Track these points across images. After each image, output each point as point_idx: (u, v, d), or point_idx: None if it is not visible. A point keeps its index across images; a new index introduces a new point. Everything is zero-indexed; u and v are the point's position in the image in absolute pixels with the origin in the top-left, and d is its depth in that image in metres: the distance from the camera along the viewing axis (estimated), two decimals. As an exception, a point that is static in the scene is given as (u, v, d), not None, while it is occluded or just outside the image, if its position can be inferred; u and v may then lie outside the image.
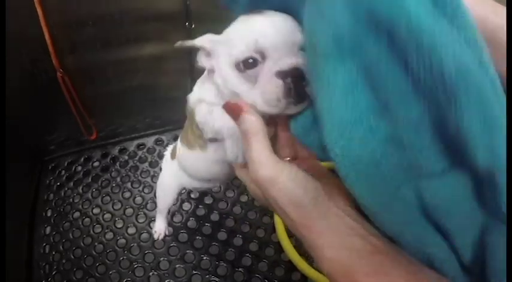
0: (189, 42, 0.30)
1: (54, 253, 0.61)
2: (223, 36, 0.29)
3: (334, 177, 0.23)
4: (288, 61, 0.26)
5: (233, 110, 0.25)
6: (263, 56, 0.26)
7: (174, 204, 0.61)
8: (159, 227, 0.62)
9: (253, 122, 0.23)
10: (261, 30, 0.26)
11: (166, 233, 0.62)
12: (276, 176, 0.21)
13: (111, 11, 0.59)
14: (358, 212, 0.22)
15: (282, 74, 0.25)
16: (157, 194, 0.58)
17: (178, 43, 0.31)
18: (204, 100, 0.32)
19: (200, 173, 0.43)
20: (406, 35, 0.18)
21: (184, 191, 0.65)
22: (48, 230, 0.64)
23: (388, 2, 0.18)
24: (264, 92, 0.26)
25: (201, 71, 0.35)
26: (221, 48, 0.29)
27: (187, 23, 0.62)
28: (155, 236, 0.62)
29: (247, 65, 0.26)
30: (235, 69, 0.27)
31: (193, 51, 0.32)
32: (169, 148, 0.56)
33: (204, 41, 0.30)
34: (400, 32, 0.18)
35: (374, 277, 0.18)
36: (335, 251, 0.20)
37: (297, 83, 0.25)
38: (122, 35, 0.62)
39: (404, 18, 0.17)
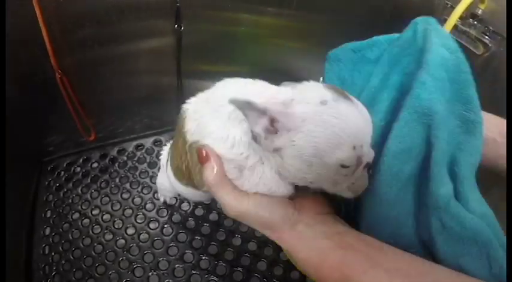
0: (250, 101, 0.23)
1: (53, 254, 0.62)
2: (296, 109, 0.24)
3: (310, 192, 0.28)
4: (372, 152, 0.26)
5: (200, 156, 0.27)
6: (360, 161, 0.25)
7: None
8: (164, 197, 0.64)
9: (214, 174, 0.26)
10: (362, 133, 0.24)
11: (168, 202, 0.65)
12: (242, 210, 0.26)
13: (108, 10, 0.59)
14: (333, 216, 0.27)
15: (368, 166, 0.26)
16: (157, 185, 0.59)
17: (234, 100, 0.24)
18: (210, 135, 0.27)
19: (196, 199, 0.44)
20: None
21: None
22: (47, 231, 0.65)
23: None
24: (355, 185, 0.26)
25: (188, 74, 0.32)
26: (303, 131, 0.24)
27: (176, 25, 0.62)
28: (161, 199, 0.65)
29: (347, 167, 0.25)
30: (326, 168, 0.24)
31: (181, 52, 0.29)
32: (166, 149, 0.55)
33: (275, 108, 0.24)
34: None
35: (337, 270, 0.23)
36: (304, 254, 0.25)
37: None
38: (120, 34, 0.62)
39: None
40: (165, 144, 0.75)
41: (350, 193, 0.27)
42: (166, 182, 0.51)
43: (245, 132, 0.26)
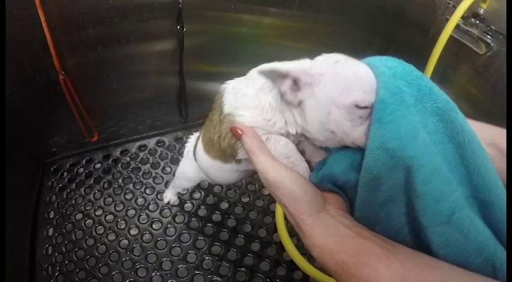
0: (272, 67, 0.28)
1: (56, 254, 0.62)
2: (314, 69, 0.28)
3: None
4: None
5: (235, 133, 0.30)
6: (371, 107, 0.27)
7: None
8: (169, 196, 0.65)
9: (253, 143, 0.29)
10: (370, 84, 0.27)
11: (172, 202, 0.66)
12: (281, 179, 0.27)
13: (110, 11, 0.59)
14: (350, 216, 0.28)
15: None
16: (176, 175, 0.59)
17: (261, 68, 0.28)
18: (245, 106, 0.31)
19: (219, 179, 0.46)
20: None
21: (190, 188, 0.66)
22: (50, 231, 0.65)
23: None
24: (366, 134, 0.27)
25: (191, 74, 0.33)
26: (321, 83, 0.27)
27: (178, 26, 0.62)
28: (165, 200, 0.66)
29: (361, 108, 0.27)
30: (344, 110, 0.27)
31: (183, 53, 0.31)
32: (192, 139, 0.54)
33: (296, 69, 0.28)
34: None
35: (354, 256, 0.23)
36: (324, 238, 0.25)
37: None
38: (123, 36, 0.63)
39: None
40: (168, 145, 0.76)
41: (362, 138, 0.27)
42: (189, 168, 0.52)
43: (275, 98, 0.30)
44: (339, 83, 0.27)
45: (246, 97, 0.32)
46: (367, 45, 0.74)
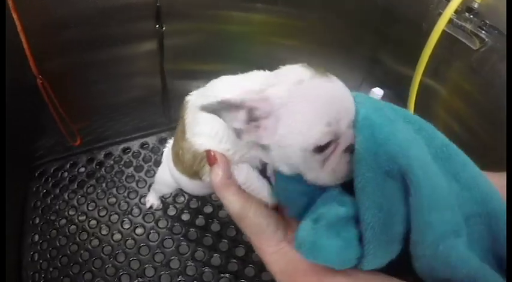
0: (219, 104, 0.23)
1: (42, 261, 0.61)
2: (273, 94, 0.23)
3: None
4: (352, 133, 0.24)
5: (209, 157, 0.28)
6: (337, 139, 0.24)
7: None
8: (151, 200, 0.64)
9: (222, 176, 0.27)
10: (338, 109, 0.23)
11: (155, 207, 0.65)
12: (245, 212, 0.27)
13: (88, 12, 0.57)
14: None
15: (350, 148, 0.24)
16: (155, 180, 0.58)
17: (205, 107, 0.23)
18: (204, 133, 0.29)
19: (192, 191, 0.45)
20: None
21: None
22: (36, 237, 0.64)
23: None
24: (335, 171, 0.24)
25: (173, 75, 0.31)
26: (281, 118, 0.23)
27: (157, 26, 0.60)
28: (147, 205, 0.64)
29: (321, 148, 0.23)
30: (305, 152, 0.24)
31: (164, 53, 0.30)
32: (170, 143, 0.53)
33: (251, 97, 0.23)
34: None
35: (314, 274, 0.24)
36: (283, 265, 0.26)
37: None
38: (102, 37, 0.61)
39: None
40: (152, 147, 0.74)
41: (330, 178, 0.25)
42: (167, 175, 0.50)
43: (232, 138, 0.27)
44: (301, 118, 0.23)
45: (203, 123, 0.28)
46: (358, 42, 0.70)
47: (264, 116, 0.24)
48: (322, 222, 0.23)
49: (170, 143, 0.53)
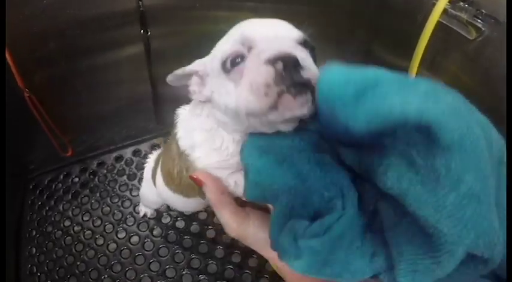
0: (180, 71, 0.28)
1: (39, 274, 0.62)
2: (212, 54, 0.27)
3: None
4: (279, 48, 0.22)
5: (196, 181, 0.27)
6: (250, 48, 0.23)
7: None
8: (144, 209, 0.64)
9: (214, 195, 0.27)
10: (249, 25, 0.25)
11: (149, 215, 0.65)
12: (245, 230, 0.27)
13: (70, 24, 0.56)
14: None
15: (272, 60, 0.21)
16: (140, 196, 0.58)
17: (170, 77, 0.28)
18: (199, 145, 0.28)
19: (182, 209, 0.45)
20: None
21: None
22: (33, 250, 0.64)
23: None
24: (251, 82, 0.21)
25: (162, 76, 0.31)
26: (213, 65, 0.26)
27: (142, 31, 0.58)
28: (140, 214, 0.64)
29: (234, 62, 0.23)
30: (222, 73, 0.24)
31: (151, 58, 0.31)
32: (151, 160, 0.53)
33: (194, 65, 0.28)
34: None
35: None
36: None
37: (290, 69, 0.21)
38: (86, 47, 0.60)
39: None
40: (148, 156, 0.73)
41: (253, 97, 0.21)
42: (151, 193, 0.49)
43: (228, 135, 0.27)
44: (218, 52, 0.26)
45: (198, 136, 0.28)
46: (352, 35, 0.68)
47: (206, 75, 0.27)
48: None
49: (152, 157, 0.52)
